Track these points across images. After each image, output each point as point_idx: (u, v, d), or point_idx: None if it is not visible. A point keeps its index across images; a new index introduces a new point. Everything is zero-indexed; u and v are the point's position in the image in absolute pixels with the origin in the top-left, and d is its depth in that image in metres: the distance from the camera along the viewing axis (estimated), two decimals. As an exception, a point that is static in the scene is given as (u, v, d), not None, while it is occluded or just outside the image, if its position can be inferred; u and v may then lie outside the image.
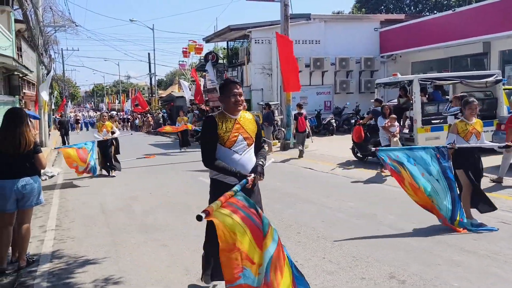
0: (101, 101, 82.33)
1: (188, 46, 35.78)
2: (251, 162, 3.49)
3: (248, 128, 3.50)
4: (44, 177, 10.77)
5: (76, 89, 76.90)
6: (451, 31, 17.45)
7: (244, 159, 3.45)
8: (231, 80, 3.55)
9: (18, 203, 4.49)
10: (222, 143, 3.38)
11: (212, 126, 3.37)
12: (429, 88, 11.74)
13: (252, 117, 3.61)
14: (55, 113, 34.62)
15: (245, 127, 3.48)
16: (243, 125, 3.46)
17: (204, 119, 3.55)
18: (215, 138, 3.36)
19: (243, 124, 3.48)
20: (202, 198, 7.78)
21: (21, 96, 20.21)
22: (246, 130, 3.47)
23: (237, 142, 3.40)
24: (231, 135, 3.38)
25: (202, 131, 3.51)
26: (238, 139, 3.41)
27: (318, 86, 21.06)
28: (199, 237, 5.45)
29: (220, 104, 3.52)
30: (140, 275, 4.31)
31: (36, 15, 16.77)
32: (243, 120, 3.50)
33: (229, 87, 3.42)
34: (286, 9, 14.94)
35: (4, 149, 4.38)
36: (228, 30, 22.16)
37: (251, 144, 3.51)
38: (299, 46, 19.45)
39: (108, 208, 7.29)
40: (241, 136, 3.43)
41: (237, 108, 3.42)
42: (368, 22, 22.18)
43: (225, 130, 3.37)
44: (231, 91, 3.40)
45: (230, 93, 3.40)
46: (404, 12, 38.53)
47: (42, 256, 5.00)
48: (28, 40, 22.72)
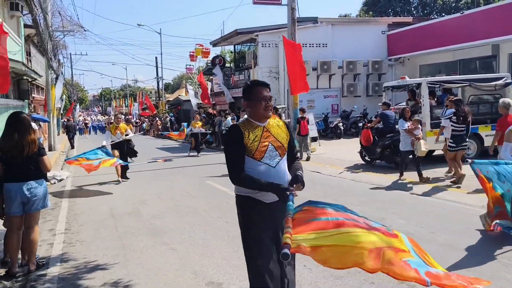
0: (109, 105, 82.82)
1: (195, 50, 35.89)
2: (285, 176, 2.99)
3: (279, 136, 3.02)
4: (53, 180, 10.86)
5: (85, 93, 77.43)
6: (460, 33, 17.35)
7: (278, 173, 2.94)
8: (259, 81, 3.06)
9: (24, 207, 4.52)
10: (250, 154, 2.90)
11: (237, 137, 2.90)
12: (437, 91, 11.66)
13: (282, 123, 3.13)
14: (63, 117, 34.87)
15: (276, 135, 3.01)
16: (273, 133, 3.00)
17: (228, 129, 3.05)
18: (241, 149, 2.89)
19: (273, 131, 3.01)
20: (209, 201, 7.85)
21: (30, 101, 20.41)
22: (277, 138, 3.00)
23: (268, 152, 2.93)
24: (260, 145, 2.91)
25: (226, 143, 3.05)
26: (269, 149, 2.94)
27: (325, 90, 21.02)
28: (207, 241, 5.47)
29: (246, 110, 3.05)
30: (149, 279, 4.32)
31: (46, 20, 16.93)
32: (272, 127, 3.03)
33: (257, 90, 2.96)
34: (293, 13, 14.95)
35: (8, 153, 4.41)
36: (235, 34, 22.22)
37: (283, 154, 3.02)
38: (306, 50, 19.42)
39: (117, 212, 7.32)
40: (272, 146, 2.95)
41: (267, 114, 2.96)
42: (376, 25, 22.13)
43: (253, 140, 2.90)
44: (260, 94, 2.94)
45: (258, 97, 2.93)
46: (412, 15, 38.35)
47: (52, 259, 5.03)
48: (37, 45, 22.98)
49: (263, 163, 2.92)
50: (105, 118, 51.83)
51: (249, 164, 2.91)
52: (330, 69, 20.34)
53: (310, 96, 19.48)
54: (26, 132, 4.47)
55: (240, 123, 3.01)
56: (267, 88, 3.00)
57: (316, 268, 4.36)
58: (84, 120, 46.23)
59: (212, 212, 7.00)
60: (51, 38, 18.77)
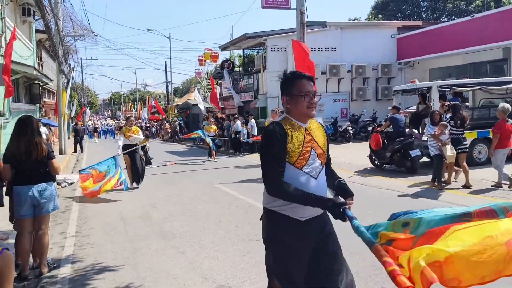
0: (118, 109, 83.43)
1: (204, 54, 36.07)
2: (326, 188, 2.61)
3: (320, 140, 2.57)
4: (64, 184, 10.95)
5: (95, 97, 78.14)
6: (470, 37, 17.23)
7: (319, 184, 2.51)
8: (302, 73, 2.56)
9: (34, 210, 4.56)
10: (290, 161, 2.42)
11: (280, 136, 2.41)
12: (448, 95, 11.58)
13: (320, 125, 2.69)
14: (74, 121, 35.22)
15: (317, 139, 2.55)
16: (315, 137, 2.54)
17: (268, 127, 2.50)
18: (284, 153, 2.40)
19: (315, 135, 2.55)
20: (219, 205, 7.85)
21: (41, 105, 20.66)
22: (319, 144, 2.55)
23: (310, 160, 2.46)
24: (303, 151, 2.44)
25: (265, 143, 2.49)
26: (311, 156, 2.47)
27: (334, 93, 20.98)
28: (216, 244, 5.47)
29: (284, 107, 2.57)
30: (159, 282, 4.32)
31: (57, 25, 17.14)
32: (314, 130, 2.57)
33: (299, 83, 2.50)
34: (302, 17, 14.94)
35: (17, 157, 4.45)
36: (244, 38, 22.30)
37: (324, 163, 2.58)
38: (315, 54, 19.41)
39: (127, 215, 7.35)
40: (314, 152, 2.49)
41: (310, 113, 2.51)
42: (385, 29, 22.07)
43: (296, 144, 2.43)
44: (303, 88, 2.48)
45: (301, 92, 2.48)
46: (422, 18, 38.23)
47: (63, 262, 5.06)
48: (48, 49, 23.26)
49: (304, 172, 2.45)
50: (115, 122, 52.14)
51: (288, 172, 2.43)
52: (339, 73, 20.31)
53: (319, 100, 19.38)
54: (33, 136, 4.49)
55: (281, 121, 2.51)
56: (311, 82, 2.54)
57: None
58: (94, 124, 46.58)
59: (222, 216, 7.00)
60: (62, 43, 19.00)
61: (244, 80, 24.09)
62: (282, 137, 2.41)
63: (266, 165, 2.44)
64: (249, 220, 6.65)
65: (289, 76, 2.57)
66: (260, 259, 4.81)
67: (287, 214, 2.45)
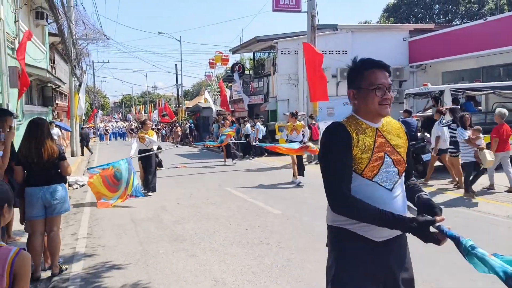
0: (129, 111, 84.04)
1: (215, 57, 36.24)
2: (405, 203, 2.09)
3: (398, 144, 2.10)
4: (75, 186, 11.04)
5: (106, 100, 78.83)
6: (483, 40, 17.04)
7: (396, 199, 2.03)
8: (373, 61, 2.09)
9: (46, 211, 4.59)
10: (358, 170, 1.99)
11: (343, 140, 1.98)
12: (460, 99, 11.47)
13: (399, 125, 2.20)
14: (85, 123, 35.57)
15: (393, 141, 2.08)
16: (389, 140, 2.08)
17: (328, 128, 2.08)
18: (349, 160, 1.98)
19: (389, 137, 2.09)
20: (229, 208, 7.85)
21: (54, 107, 20.90)
22: (395, 148, 2.07)
23: (383, 168, 2.01)
24: (374, 157, 1.99)
25: (325, 150, 2.05)
26: (385, 163, 2.02)
27: (345, 97, 20.51)
28: (227, 248, 5.46)
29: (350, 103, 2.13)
30: (169, 285, 4.32)
31: (70, 29, 17.34)
32: (387, 131, 2.11)
33: (371, 74, 2.04)
34: (313, 20, 14.96)
35: (28, 158, 4.49)
36: (254, 41, 22.32)
37: (402, 172, 2.09)
38: (326, 57, 19.28)
39: (137, 217, 7.38)
40: (389, 159, 2.03)
41: (384, 111, 2.03)
42: (397, 32, 21.94)
43: (364, 148, 1.99)
44: (375, 80, 2.02)
45: (372, 84, 2.01)
46: (434, 21, 37.93)
47: (74, 263, 5.09)
48: (61, 52, 23.54)
49: (375, 183, 2.00)
50: (126, 124, 52.53)
51: (355, 184, 1.99)
52: (350, 76, 20.23)
53: (330, 104, 19.32)
54: (44, 138, 4.52)
55: (344, 121, 2.07)
56: (385, 72, 2.07)
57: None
58: (105, 126, 46.98)
59: (232, 219, 7.00)
60: (75, 46, 19.21)
61: (254, 83, 24.12)
62: (346, 140, 1.98)
63: (328, 175, 2.01)
64: (259, 223, 6.64)
65: (358, 64, 2.12)
66: (270, 263, 4.80)
67: (359, 233, 1.98)
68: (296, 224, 6.52)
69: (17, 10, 11.58)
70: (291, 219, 6.87)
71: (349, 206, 1.92)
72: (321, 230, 6.07)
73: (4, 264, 1.71)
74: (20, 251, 1.77)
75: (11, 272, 1.71)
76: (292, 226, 6.40)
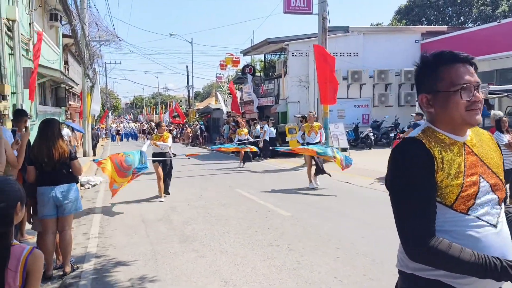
0: (140, 112, 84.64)
1: (225, 59, 36.31)
2: (509, 239, 1.56)
3: (491, 161, 1.62)
4: (87, 185, 11.15)
5: (118, 101, 79.48)
6: (496, 43, 16.88)
7: (501, 237, 1.53)
8: (455, 53, 1.61)
9: (58, 210, 4.64)
10: (446, 202, 1.50)
11: (424, 163, 1.50)
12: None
13: (489, 136, 1.73)
14: (97, 124, 35.92)
15: (486, 159, 1.60)
16: (482, 156, 1.60)
17: (401, 147, 1.57)
18: (432, 190, 1.49)
19: (482, 152, 1.61)
20: (239, 210, 7.86)
21: (67, 108, 21.15)
22: (490, 168, 1.60)
23: (480, 196, 1.52)
24: (466, 182, 1.51)
25: (396, 175, 1.56)
26: (481, 189, 1.53)
27: (356, 99, 20.80)
28: (236, 249, 5.47)
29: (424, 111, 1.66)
30: (179, 285, 4.35)
31: (83, 30, 17.54)
32: (478, 145, 1.63)
33: (452, 71, 1.57)
34: (324, 22, 14.92)
35: (39, 158, 4.54)
36: (265, 43, 22.34)
37: (502, 199, 1.59)
38: (337, 59, 19.20)
39: (148, 218, 7.43)
40: (486, 183, 1.55)
41: (473, 120, 1.54)
42: (409, 34, 21.80)
43: (452, 172, 1.51)
44: (458, 77, 1.55)
45: (454, 83, 1.54)
46: (446, 23, 37.61)
47: (86, 262, 5.15)
48: (74, 54, 23.81)
49: (475, 218, 1.50)
50: (138, 125, 52.89)
51: (443, 219, 1.51)
52: (361, 79, 20.14)
53: (341, 106, 19.30)
54: (54, 138, 4.58)
55: (421, 137, 1.57)
56: (469, 66, 1.59)
57: (347, 280, 4.28)
58: (116, 127, 47.35)
59: (241, 221, 7.01)
60: (88, 47, 19.41)
61: (265, 85, 24.14)
62: (427, 163, 1.49)
63: (404, 211, 1.51)
64: (268, 225, 6.64)
65: (430, 60, 1.62)
66: (279, 265, 4.80)
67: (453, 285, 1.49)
68: (306, 227, 6.51)
69: (32, 12, 11.75)
70: (301, 221, 6.86)
71: (434, 253, 1.42)
72: (331, 233, 6.07)
73: (17, 262, 1.74)
74: (33, 249, 1.80)
75: (24, 270, 1.75)
76: (302, 228, 6.40)
